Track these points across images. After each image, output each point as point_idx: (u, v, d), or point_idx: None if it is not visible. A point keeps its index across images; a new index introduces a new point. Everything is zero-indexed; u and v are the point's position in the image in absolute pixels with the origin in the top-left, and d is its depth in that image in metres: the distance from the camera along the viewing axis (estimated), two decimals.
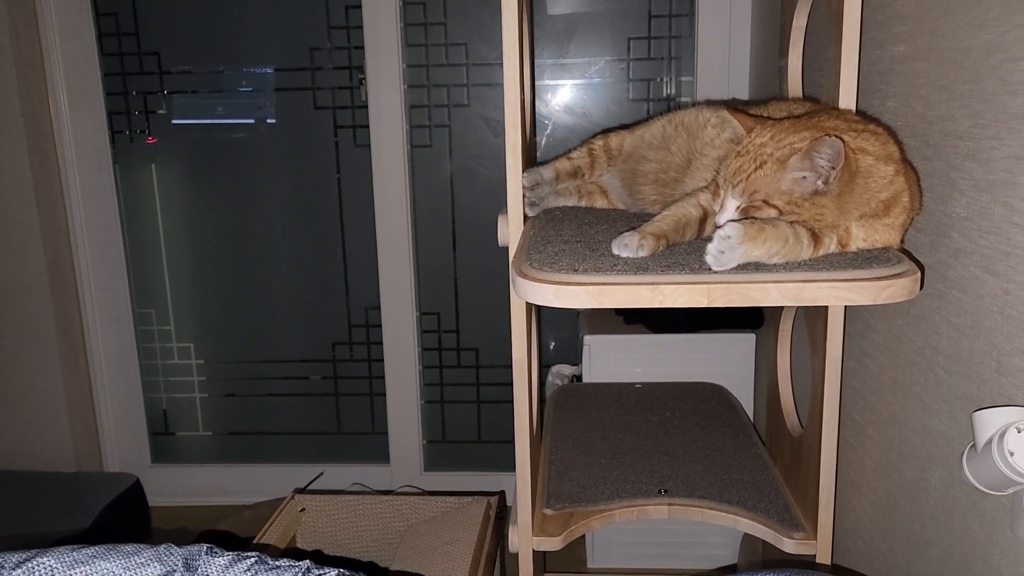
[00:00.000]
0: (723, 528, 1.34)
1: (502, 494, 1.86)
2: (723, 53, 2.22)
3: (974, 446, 0.83)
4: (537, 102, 2.33)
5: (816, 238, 0.91)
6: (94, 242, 2.44)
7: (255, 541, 1.63)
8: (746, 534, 1.50)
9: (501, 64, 1.11)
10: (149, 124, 2.42)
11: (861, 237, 0.94)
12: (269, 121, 2.42)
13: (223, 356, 2.58)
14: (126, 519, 2.22)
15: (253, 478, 2.59)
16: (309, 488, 2.45)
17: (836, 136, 0.88)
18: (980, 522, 0.91)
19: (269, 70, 2.39)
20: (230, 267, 2.51)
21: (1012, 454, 0.76)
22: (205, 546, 0.88)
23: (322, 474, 2.55)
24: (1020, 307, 0.82)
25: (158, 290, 2.53)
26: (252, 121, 2.43)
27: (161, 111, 2.41)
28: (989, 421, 0.80)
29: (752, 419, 1.98)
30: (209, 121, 2.44)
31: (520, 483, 1.26)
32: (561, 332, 2.50)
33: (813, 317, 1.26)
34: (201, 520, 2.31)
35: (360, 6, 2.27)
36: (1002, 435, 0.77)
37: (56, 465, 2.42)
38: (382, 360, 2.51)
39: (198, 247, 2.51)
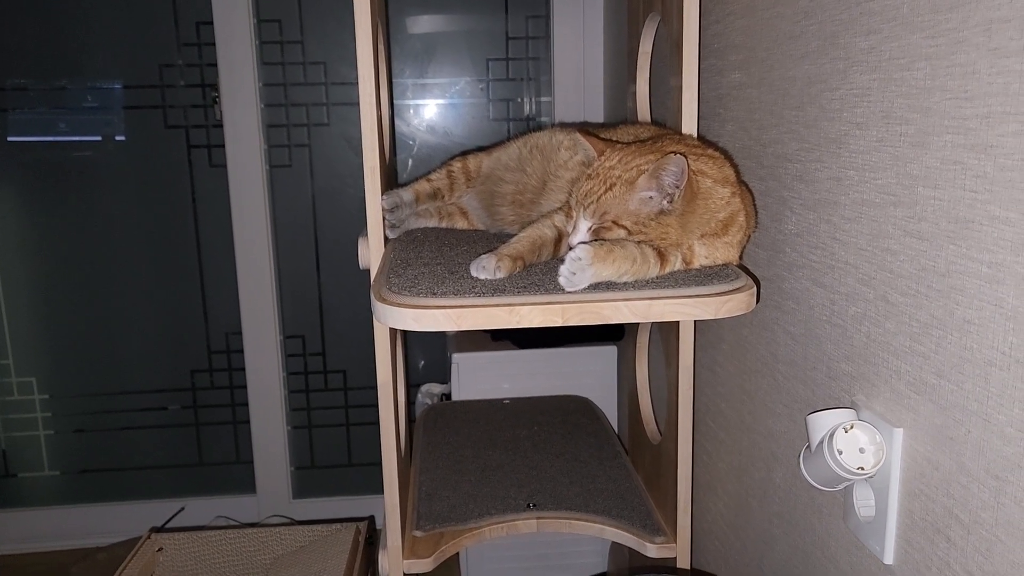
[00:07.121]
0: (592, 537, 1.37)
1: (371, 519, 1.84)
2: (578, 75, 2.29)
3: (809, 447, 0.89)
4: (400, 121, 2.33)
5: (662, 257, 0.96)
6: None
7: None
8: (613, 542, 1.54)
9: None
10: None
11: (703, 255, 1.00)
12: (118, 138, 2.30)
13: (71, 390, 2.42)
14: None
15: (108, 518, 2.44)
16: (168, 525, 2.34)
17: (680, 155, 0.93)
18: (818, 516, 0.98)
19: (117, 86, 2.27)
20: (77, 294, 2.36)
21: (840, 452, 0.82)
22: None
23: (183, 509, 2.44)
24: (844, 316, 0.90)
25: None
26: (99, 138, 2.30)
27: None
28: (820, 423, 0.87)
29: (616, 428, 2.05)
30: (51, 138, 2.29)
31: (388, 507, 1.25)
32: (430, 350, 2.49)
33: (667, 330, 1.31)
34: (49, 567, 2.17)
35: (212, 22, 2.20)
36: (831, 435, 0.83)
37: None
38: (245, 386, 2.43)
39: (40, 273, 2.34)
